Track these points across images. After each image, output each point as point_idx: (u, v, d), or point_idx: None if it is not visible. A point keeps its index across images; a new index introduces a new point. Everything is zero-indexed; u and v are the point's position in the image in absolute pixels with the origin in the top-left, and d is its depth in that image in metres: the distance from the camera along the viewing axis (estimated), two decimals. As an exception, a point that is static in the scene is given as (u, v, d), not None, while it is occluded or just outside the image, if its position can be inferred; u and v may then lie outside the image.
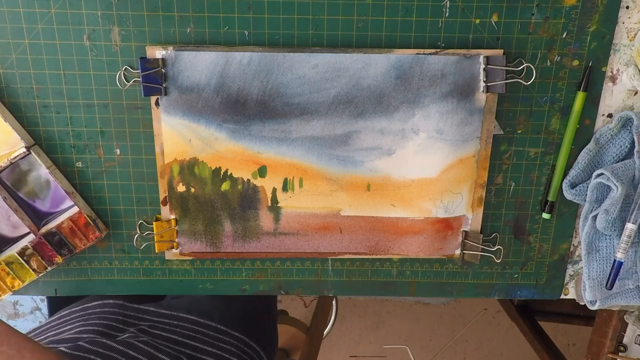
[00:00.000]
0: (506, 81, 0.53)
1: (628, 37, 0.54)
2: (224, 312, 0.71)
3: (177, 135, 0.54)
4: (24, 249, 0.55)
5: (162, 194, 0.57)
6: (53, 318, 0.69)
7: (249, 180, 0.56)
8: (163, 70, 0.52)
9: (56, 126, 0.54)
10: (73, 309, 0.69)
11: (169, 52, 0.52)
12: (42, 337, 0.63)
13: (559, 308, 1.33)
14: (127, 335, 0.62)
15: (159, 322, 0.67)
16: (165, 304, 0.71)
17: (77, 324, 0.64)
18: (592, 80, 0.55)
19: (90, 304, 0.68)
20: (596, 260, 0.59)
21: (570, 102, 0.55)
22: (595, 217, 0.56)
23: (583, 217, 0.58)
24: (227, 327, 0.69)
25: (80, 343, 0.56)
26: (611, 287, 0.56)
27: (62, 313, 0.69)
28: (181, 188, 0.56)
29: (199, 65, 0.52)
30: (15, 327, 0.46)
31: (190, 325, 0.67)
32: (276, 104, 0.54)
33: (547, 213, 0.59)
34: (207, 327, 0.68)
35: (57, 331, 0.64)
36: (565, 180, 0.57)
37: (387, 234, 0.59)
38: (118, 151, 0.56)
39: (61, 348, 0.54)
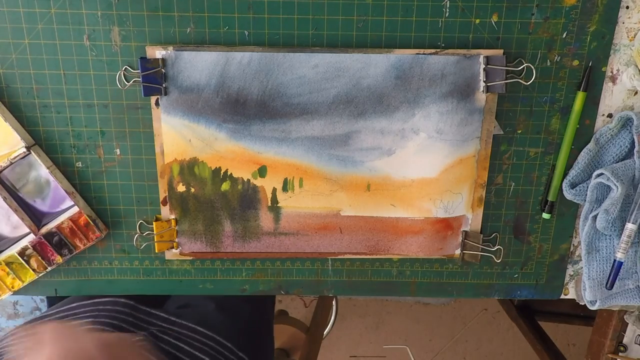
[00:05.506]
0: (506, 81, 0.53)
1: (628, 37, 0.54)
2: (230, 328, 0.72)
3: (177, 135, 0.54)
4: (24, 249, 0.55)
5: (162, 194, 0.57)
6: (61, 308, 0.68)
7: (249, 180, 0.56)
8: (163, 70, 0.52)
9: (56, 126, 0.54)
10: (83, 302, 0.68)
11: (169, 52, 0.52)
12: None
13: (559, 308, 1.33)
14: (140, 337, 0.62)
15: (169, 329, 0.67)
16: (174, 312, 0.71)
17: (86, 318, 0.64)
18: (592, 80, 0.55)
19: (101, 300, 0.68)
20: (596, 260, 0.59)
21: (570, 102, 0.55)
22: (595, 217, 0.56)
23: (583, 217, 0.58)
24: (233, 344, 0.70)
25: None
26: (611, 287, 0.56)
27: (72, 305, 0.68)
28: (181, 188, 0.56)
29: (199, 65, 0.52)
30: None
31: (200, 337, 0.67)
32: (276, 104, 0.54)
33: (547, 213, 0.59)
34: (214, 342, 0.68)
35: (65, 320, 0.64)
36: (565, 180, 0.57)
37: (387, 234, 0.59)
38: (118, 151, 0.56)
39: None
